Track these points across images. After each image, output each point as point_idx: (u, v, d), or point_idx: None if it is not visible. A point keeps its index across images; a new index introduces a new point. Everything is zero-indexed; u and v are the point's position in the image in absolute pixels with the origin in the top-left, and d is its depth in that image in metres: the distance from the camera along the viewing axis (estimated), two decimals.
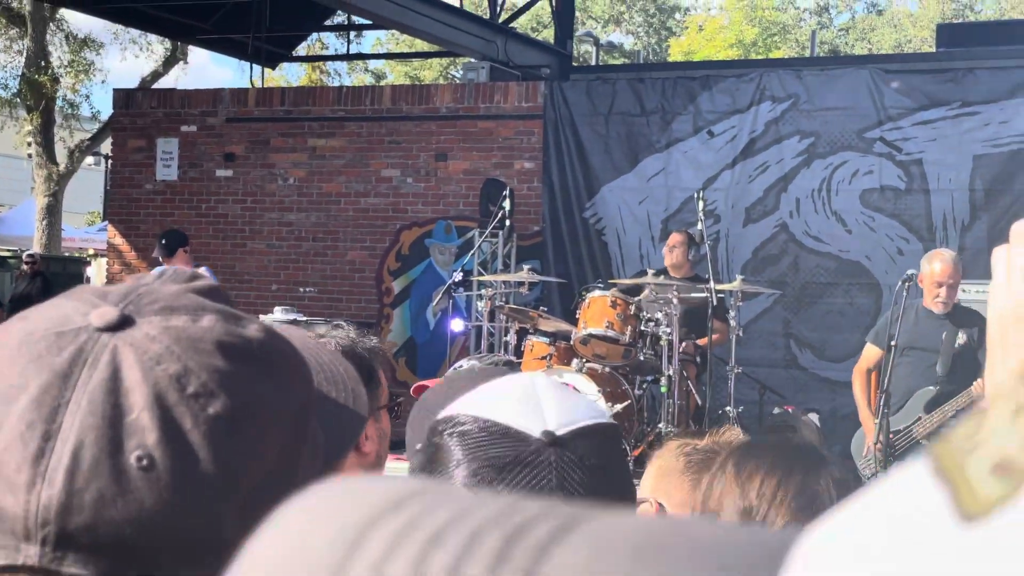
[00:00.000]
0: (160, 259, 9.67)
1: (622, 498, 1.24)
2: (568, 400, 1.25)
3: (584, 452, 1.20)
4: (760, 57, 30.94)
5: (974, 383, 6.70)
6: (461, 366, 3.76)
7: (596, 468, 1.20)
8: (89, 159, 28.95)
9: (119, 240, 14.17)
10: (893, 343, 6.76)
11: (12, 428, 0.79)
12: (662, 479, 2.29)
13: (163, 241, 9.61)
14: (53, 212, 23.64)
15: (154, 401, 0.80)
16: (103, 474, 0.78)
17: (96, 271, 23.71)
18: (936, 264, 7.09)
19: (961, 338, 7.02)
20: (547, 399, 1.23)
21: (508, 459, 1.18)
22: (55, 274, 18.25)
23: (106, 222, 18.28)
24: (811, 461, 1.92)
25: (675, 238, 9.60)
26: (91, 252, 26.45)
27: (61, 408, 0.79)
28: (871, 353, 7.41)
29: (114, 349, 0.82)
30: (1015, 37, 12.34)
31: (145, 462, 0.79)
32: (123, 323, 0.83)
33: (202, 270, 0.99)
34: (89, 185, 37.01)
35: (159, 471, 0.79)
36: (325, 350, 1.13)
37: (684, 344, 8.64)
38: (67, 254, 24.61)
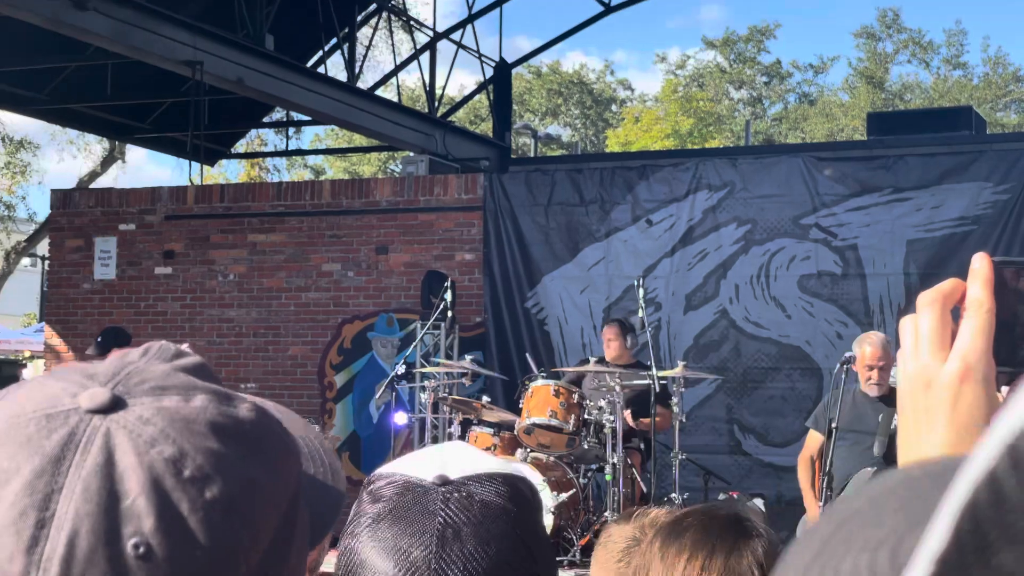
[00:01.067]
0: (95, 357, 9.45)
1: (528, 545, 1.25)
2: (475, 457, 1.31)
3: (477, 491, 1.24)
4: (696, 147, 31.41)
5: None
6: None
7: (490, 506, 1.22)
8: (25, 260, 28.68)
9: (56, 341, 14.00)
10: (834, 426, 6.81)
11: (4, 515, 0.76)
12: (600, 570, 2.29)
13: (99, 339, 9.41)
14: None
15: (151, 486, 0.78)
16: (99, 563, 0.76)
17: (32, 373, 23.37)
18: (866, 347, 7.19)
19: (897, 419, 7.09)
20: (452, 455, 1.29)
21: (400, 502, 1.24)
22: None
23: (42, 323, 18.07)
24: (735, 537, 1.90)
25: (608, 332, 9.59)
26: (27, 354, 26.09)
27: (54, 494, 0.77)
28: (812, 439, 7.46)
29: (107, 432, 0.79)
30: (943, 125, 12.63)
31: (142, 550, 0.76)
32: (115, 405, 0.81)
33: (184, 346, 0.99)
34: (25, 286, 36.63)
35: (157, 559, 0.77)
36: (300, 423, 1.12)
37: (625, 414, 8.58)
38: (2, 356, 24.25)
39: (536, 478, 7.87)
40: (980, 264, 0.91)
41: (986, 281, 0.90)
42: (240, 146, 20.15)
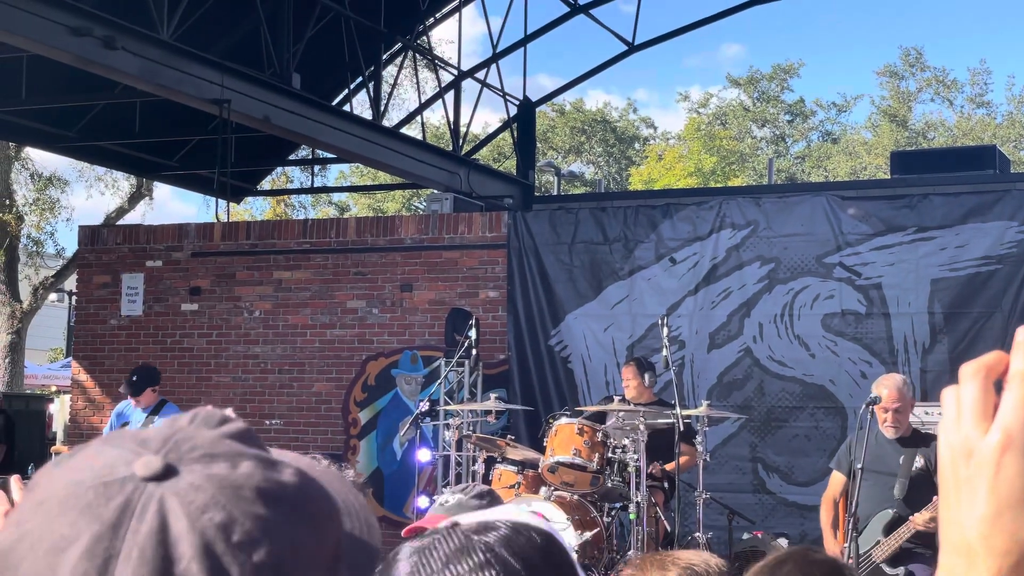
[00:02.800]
0: (127, 396, 9.51)
1: None
2: (497, 512, 1.32)
3: (496, 542, 1.27)
4: (719, 185, 31.45)
5: (922, 510, 6.77)
6: (447, 501, 3.74)
7: (496, 557, 1.26)
8: (52, 295, 28.87)
9: (83, 376, 14.09)
10: (859, 466, 6.80)
11: None
12: None
13: (133, 378, 9.42)
14: (16, 349, 23.50)
15: (202, 551, 0.82)
16: None
17: (59, 408, 23.47)
18: (883, 391, 7.16)
19: (919, 462, 7.07)
20: (468, 513, 1.34)
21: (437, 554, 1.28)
22: (17, 411, 18.05)
23: (69, 358, 18.18)
24: None
25: (626, 372, 9.60)
26: (53, 389, 26.22)
27: (112, 559, 0.81)
28: (836, 480, 7.45)
29: (161, 499, 0.84)
30: (967, 164, 12.63)
31: None
32: (167, 472, 0.85)
33: (229, 411, 1.02)
34: (52, 321, 36.85)
35: None
36: (338, 479, 1.16)
37: (651, 466, 8.62)
38: (29, 391, 24.38)
39: (560, 517, 7.87)
40: None
41: None
42: (266, 183, 20.29)
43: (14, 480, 1.69)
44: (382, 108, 14.60)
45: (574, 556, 1.34)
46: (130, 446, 0.88)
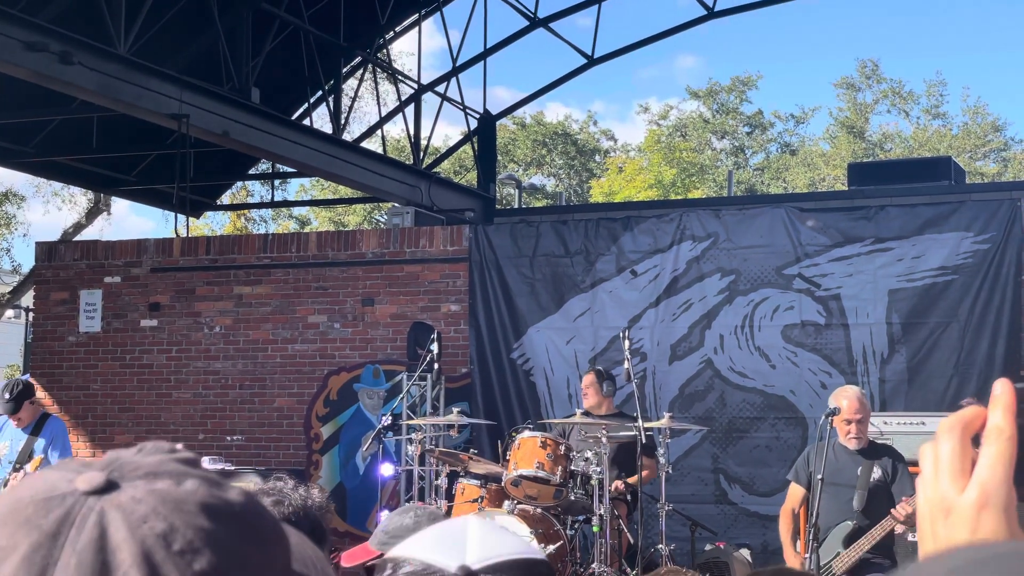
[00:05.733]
0: (5, 414, 8.62)
1: None
2: (495, 538, 1.31)
3: None
4: (679, 197, 31.58)
5: (888, 515, 6.80)
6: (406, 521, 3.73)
7: None
8: (9, 312, 28.60)
9: (41, 394, 13.95)
10: (819, 477, 6.84)
11: None
12: None
13: (7, 395, 8.48)
14: None
15: (142, 558, 0.81)
16: None
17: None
18: (843, 402, 7.20)
19: (876, 473, 7.13)
20: (473, 538, 1.31)
21: None
22: None
23: (27, 375, 18.01)
24: None
25: (585, 381, 9.66)
26: None
27: (50, 567, 0.81)
28: (794, 492, 7.48)
29: (101, 511, 0.83)
30: (923, 175, 12.78)
31: None
32: (109, 487, 0.85)
33: (178, 446, 1.01)
34: (8, 338, 36.51)
35: None
36: (293, 534, 1.15)
37: (614, 484, 8.65)
38: None
39: (523, 530, 7.87)
40: (1002, 390, 0.90)
41: (1007, 407, 0.89)
42: (225, 197, 20.20)
43: None
44: (342, 122, 14.59)
45: None
46: (73, 467, 0.88)
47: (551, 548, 8.07)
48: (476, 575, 1.27)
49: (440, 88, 15.91)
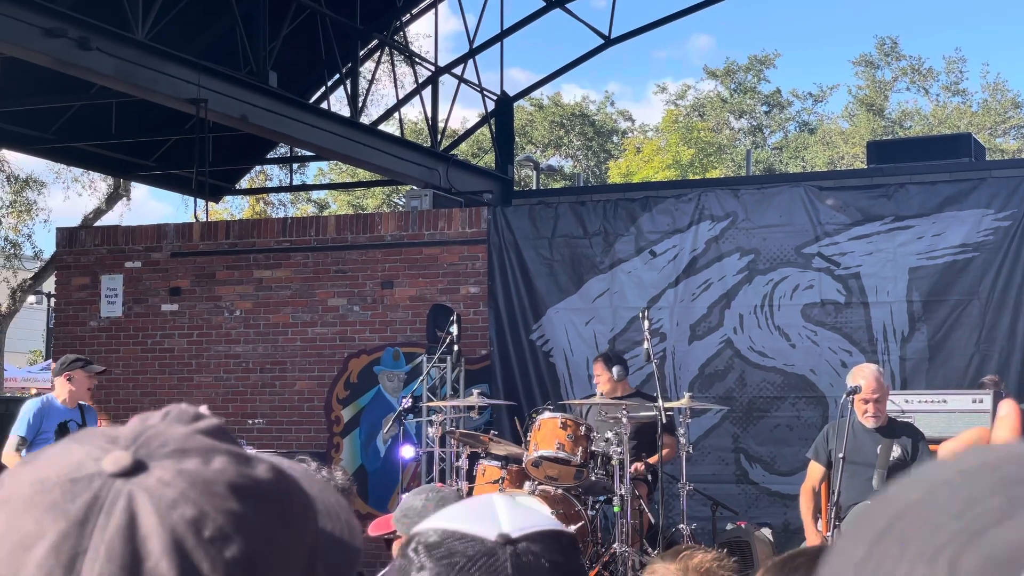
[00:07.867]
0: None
1: None
2: (523, 511, 1.34)
3: (541, 551, 1.28)
4: (697, 177, 31.49)
5: None
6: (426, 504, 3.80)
7: (556, 565, 1.27)
8: (31, 298, 28.76)
9: None
10: (841, 455, 6.83)
11: None
12: None
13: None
14: None
15: (172, 547, 0.80)
16: None
17: None
18: (860, 381, 7.18)
19: (896, 451, 7.11)
20: (503, 510, 1.33)
21: (465, 560, 1.28)
22: None
23: (49, 360, 18.10)
24: None
25: (595, 368, 9.53)
26: (33, 391, 26.12)
27: (79, 557, 0.79)
28: (813, 470, 7.47)
29: (129, 495, 0.82)
30: (943, 152, 12.71)
31: None
32: (136, 468, 0.83)
33: (203, 408, 1.01)
34: (31, 323, 36.70)
35: None
36: (316, 481, 1.14)
37: (635, 465, 8.66)
38: (8, 394, 24.28)
39: (544, 510, 7.89)
40: (1007, 410, 0.87)
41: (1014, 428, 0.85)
42: (244, 182, 20.25)
43: None
44: (360, 105, 14.59)
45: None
46: (98, 443, 0.86)
47: (572, 528, 8.09)
48: (517, 543, 1.28)
49: (457, 70, 15.89)
